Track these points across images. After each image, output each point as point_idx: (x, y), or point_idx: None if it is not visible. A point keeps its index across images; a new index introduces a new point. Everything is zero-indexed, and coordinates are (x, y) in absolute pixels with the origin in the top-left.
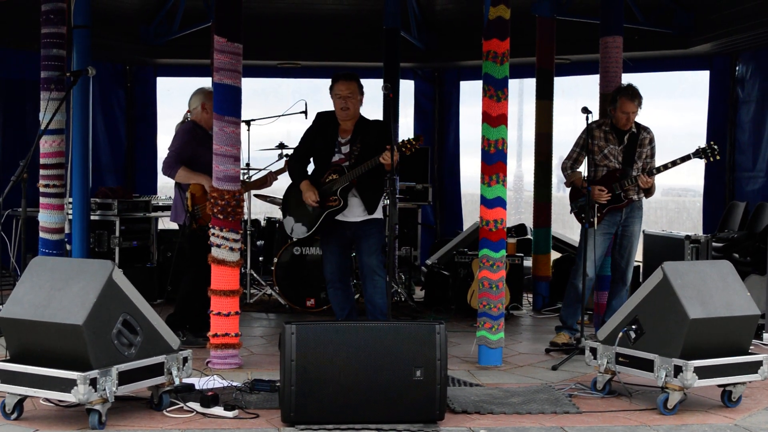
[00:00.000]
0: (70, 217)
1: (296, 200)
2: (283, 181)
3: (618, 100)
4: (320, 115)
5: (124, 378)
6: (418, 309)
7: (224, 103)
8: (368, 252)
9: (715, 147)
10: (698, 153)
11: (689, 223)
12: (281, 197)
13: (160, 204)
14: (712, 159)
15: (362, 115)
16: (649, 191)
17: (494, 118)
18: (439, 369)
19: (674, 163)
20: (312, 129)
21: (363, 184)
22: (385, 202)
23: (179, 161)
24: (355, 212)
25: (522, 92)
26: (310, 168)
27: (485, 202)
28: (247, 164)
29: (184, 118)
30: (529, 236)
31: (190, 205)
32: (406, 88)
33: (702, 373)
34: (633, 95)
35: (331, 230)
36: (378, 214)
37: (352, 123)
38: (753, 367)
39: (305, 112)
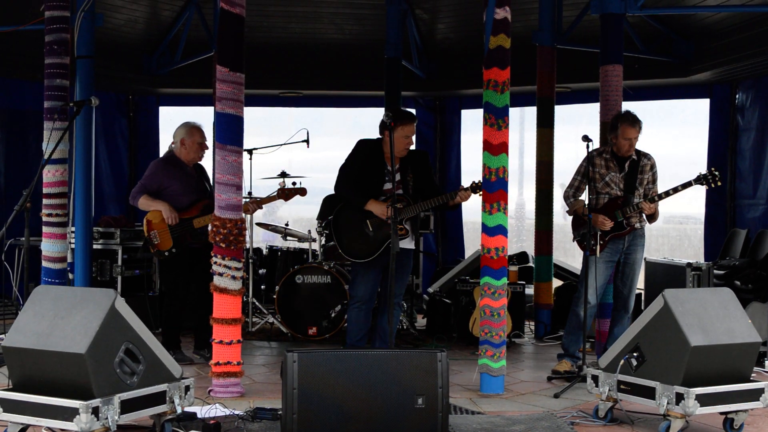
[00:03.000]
0: (73, 246)
1: (351, 222)
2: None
3: (619, 127)
4: (364, 143)
5: (127, 406)
6: (420, 337)
7: (226, 132)
8: (402, 281)
9: (716, 173)
10: (699, 179)
11: (690, 250)
12: (283, 225)
13: None
14: (713, 185)
15: None
16: (652, 217)
17: (495, 147)
18: (440, 397)
19: (675, 190)
20: (358, 156)
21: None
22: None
23: (142, 191)
24: (404, 240)
25: (523, 120)
26: None
27: (486, 230)
28: (249, 193)
29: (169, 148)
30: (531, 264)
31: (145, 230)
32: None
33: (704, 400)
34: (634, 121)
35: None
36: (413, 243)
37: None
38: (755, 395)
39: (307, 141)
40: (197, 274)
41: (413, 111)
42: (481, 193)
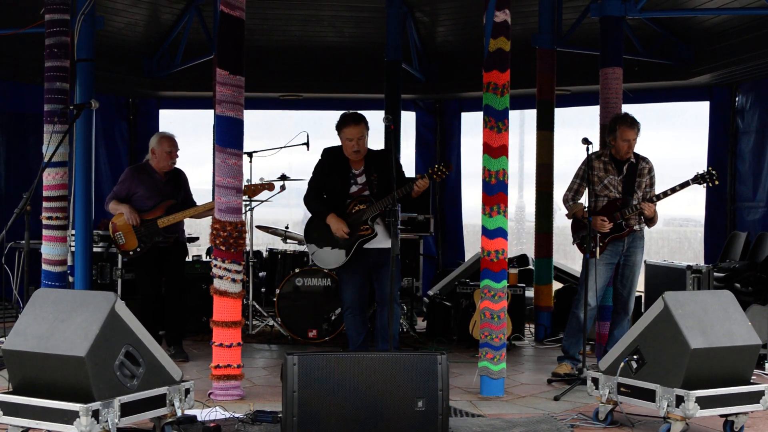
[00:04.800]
0: (73, 249)
1: (320, 232)
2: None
3: (618, 129)
4: (327, 152)
5: (127, 409)
6: (420, 339)
7: (226, 135)
8: (387, 283)
9: (714, 172)
10: (697, 179)
11: (690, 253)
12: (283, 228)
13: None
14: (710, 184)
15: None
16: (651, 220)
17: (495, 149)
18: (440, 399)
19: (674, 190)
20: (323, 166)
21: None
22: None
23: (113, 197)
24: (380, 239)
25: (523, 123)
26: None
27: (486, 232)
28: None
29: (146, 157)
30: (531, 267)
31: (111, 232)
32: (408, 119)
33: (704, 403)
34: (632, 123)
35: (355, 257)
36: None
37: (362, 156)
38: (755, 397)
39: (307, 144)
40: (167, 273)
41: (413, 114)
42: (436, 177)
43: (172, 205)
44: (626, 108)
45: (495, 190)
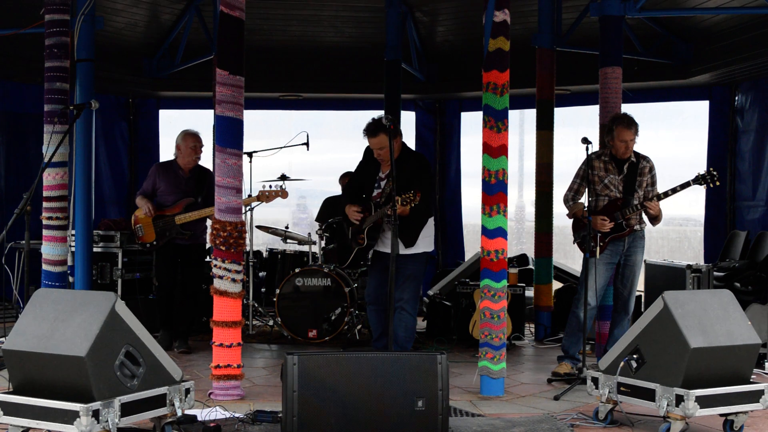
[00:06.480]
0: (73, 249)
1: (341, 230)
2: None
3: (615, 130)
4: (367, 150)
5: (127, 409)
6: (420, 339)
7: (226, 135)
8: (400, 287)
9: (715, 173)
10: (698, 179)
11: (690, 252)
12: (283, 228)
13: None
14: (711, 185)
15: (405, 147)
16: (656, 218)
17: (495, 149)
18: (440, 399)
19: (674, 191)
20: (361, 163)
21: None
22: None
23: (140, 193)
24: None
25: (523, 123)
26: None
27: (486, 232)
28: (249, 195)
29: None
30: (531, 266)
31: (132, 224)
32: (408, 119)
33: (704, 402)
34: (629, 123)
35: (376, 257)
36: (419, 248)
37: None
38: (755, 396)
39: (307, 144)
40: (184, 272)
41: (413, 114)
42: (407, 204)
43: (190, 204)
44: (626, 107)
45: (495, 190)
